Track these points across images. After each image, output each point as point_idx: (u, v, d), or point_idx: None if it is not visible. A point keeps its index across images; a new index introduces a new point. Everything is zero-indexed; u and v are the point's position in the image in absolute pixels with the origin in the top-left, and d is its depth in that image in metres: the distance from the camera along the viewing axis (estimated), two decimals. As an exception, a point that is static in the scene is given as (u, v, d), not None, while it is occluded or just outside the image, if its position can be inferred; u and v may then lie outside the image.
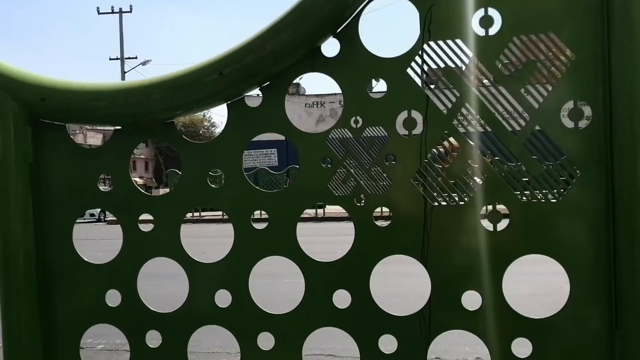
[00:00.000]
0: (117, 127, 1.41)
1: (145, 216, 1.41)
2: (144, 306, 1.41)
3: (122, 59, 40.95)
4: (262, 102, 1.35)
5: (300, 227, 1.35)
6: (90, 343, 5.52)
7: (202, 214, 20.97)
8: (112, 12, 40.83)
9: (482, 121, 1.24)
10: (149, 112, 1.35)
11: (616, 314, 1.17)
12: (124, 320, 1.42)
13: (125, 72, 40.74)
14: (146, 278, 1.58)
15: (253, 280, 1.36)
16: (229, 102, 1.35)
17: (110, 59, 41.84)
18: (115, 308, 1.41)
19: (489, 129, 1.24)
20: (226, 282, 1.38)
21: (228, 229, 1.37)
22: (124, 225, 1.41)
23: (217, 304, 1.38)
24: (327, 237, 10.86)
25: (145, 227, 1.41)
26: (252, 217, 1.37)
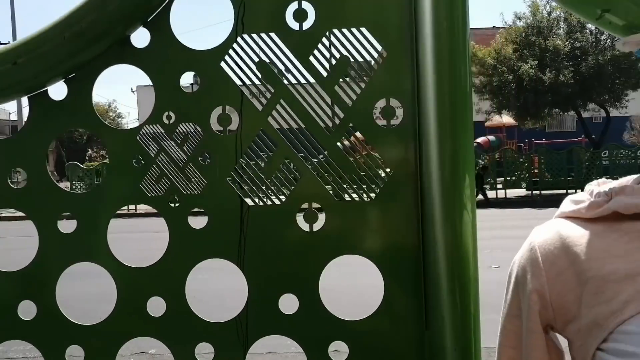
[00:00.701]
0: None
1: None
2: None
3: (17, 45, 38.49)
4: (67, 95, 1.24)
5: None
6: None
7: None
8: (5, -6, 38.30)
9: (297, 118, 1.20)
10: None
11: (426, 314, 1.16)
12: None
13: (21, 59, 38.39)
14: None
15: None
16: (30, 94, 1.23)
17: (1, 44, 39.23)
18: None
19: (303, 126, 1.20)
20: (30, 291, 1.26)
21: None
22: None
23: (21, 316, 1.26)
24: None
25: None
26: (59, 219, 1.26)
